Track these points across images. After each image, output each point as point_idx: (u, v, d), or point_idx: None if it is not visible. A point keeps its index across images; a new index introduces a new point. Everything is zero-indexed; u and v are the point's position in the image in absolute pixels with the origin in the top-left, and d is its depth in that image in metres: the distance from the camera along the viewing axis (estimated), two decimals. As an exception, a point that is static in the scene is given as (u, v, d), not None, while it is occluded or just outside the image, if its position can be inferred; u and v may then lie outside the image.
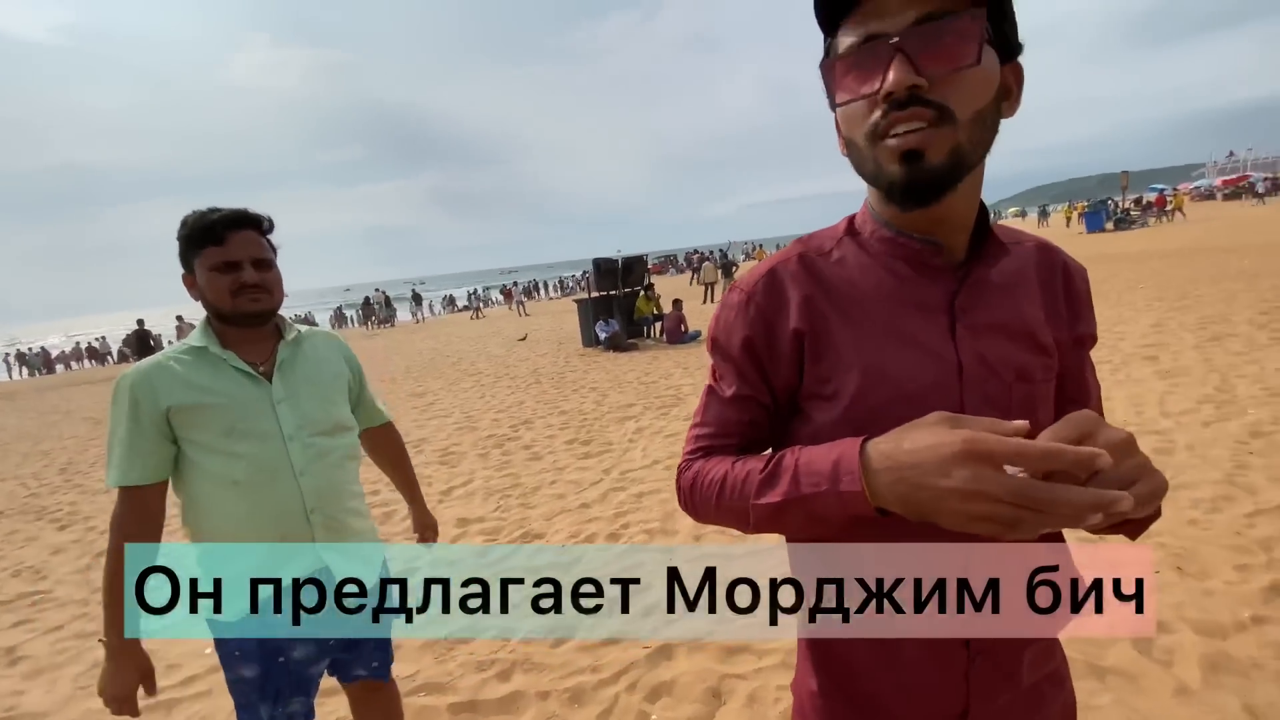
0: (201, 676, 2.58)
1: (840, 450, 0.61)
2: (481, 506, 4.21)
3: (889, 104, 0.60)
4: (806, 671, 0.81)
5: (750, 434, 0.78)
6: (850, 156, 0.69)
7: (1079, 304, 0.76)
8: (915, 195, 0.63)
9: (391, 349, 16.27)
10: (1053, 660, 0.79)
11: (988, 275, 0.70)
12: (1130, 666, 2.04)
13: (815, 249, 0.75)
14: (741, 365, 0.75)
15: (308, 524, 1.35)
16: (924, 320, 0.68)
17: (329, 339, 1.54)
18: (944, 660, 0.71)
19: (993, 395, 0.68)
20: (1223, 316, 7.06)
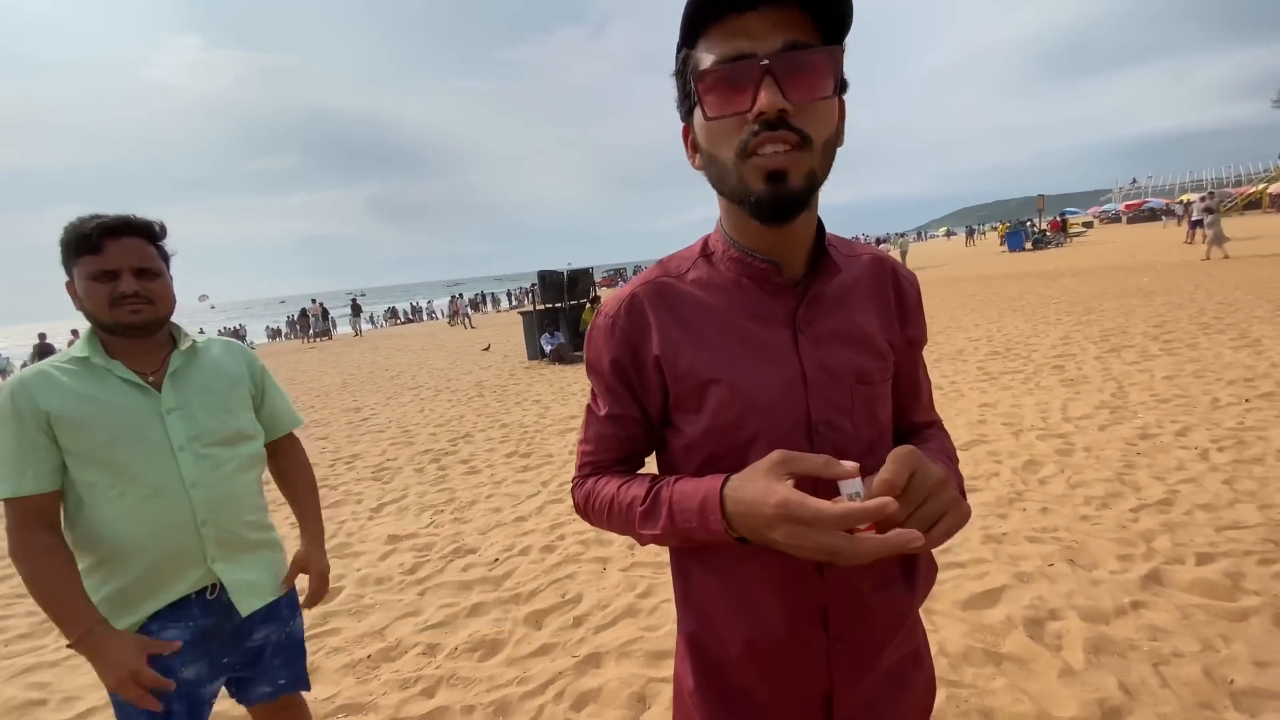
0: (101, 709, 2.43)
1: (703, 493, 0.68)
2: (414, 522, 4.11)
3: (759, 124, 0.63)
4: (685, 671, 0.85)
5: (627, 446, 0.84)
6: (709, 170, 0.72)
7: (909, 308, 0.84)
8: (777, 213, 0.67)
9: (328, 362, 15.68)
10: (912, 640, 0.85)
11: (825, 289, 0.77)
12: (1023, 652, 2.19)
13: (673, 271, 0.80)
14: (612, 385, 0.80)
15: (198, 537, 1.31)
16: (770, 334, 0.75)
17: (228, 346, 1.51)
18: (805, 646, 0.75)
19: (835, 399, 0.74)
20: (1121, 329, 7.66)
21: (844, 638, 0.76)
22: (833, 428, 0.74)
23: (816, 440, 0.73)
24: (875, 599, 0.76)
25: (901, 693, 0.82)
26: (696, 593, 0.81)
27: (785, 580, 0.74)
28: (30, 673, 2.76)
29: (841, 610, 0.75)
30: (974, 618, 2.41)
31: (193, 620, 1.32)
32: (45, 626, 3.20)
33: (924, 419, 0.91)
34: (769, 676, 0.77)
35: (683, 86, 0.72)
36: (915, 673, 0.84)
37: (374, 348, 18.83)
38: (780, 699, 0.77)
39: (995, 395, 5.49)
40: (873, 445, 0.77)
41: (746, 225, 0.74)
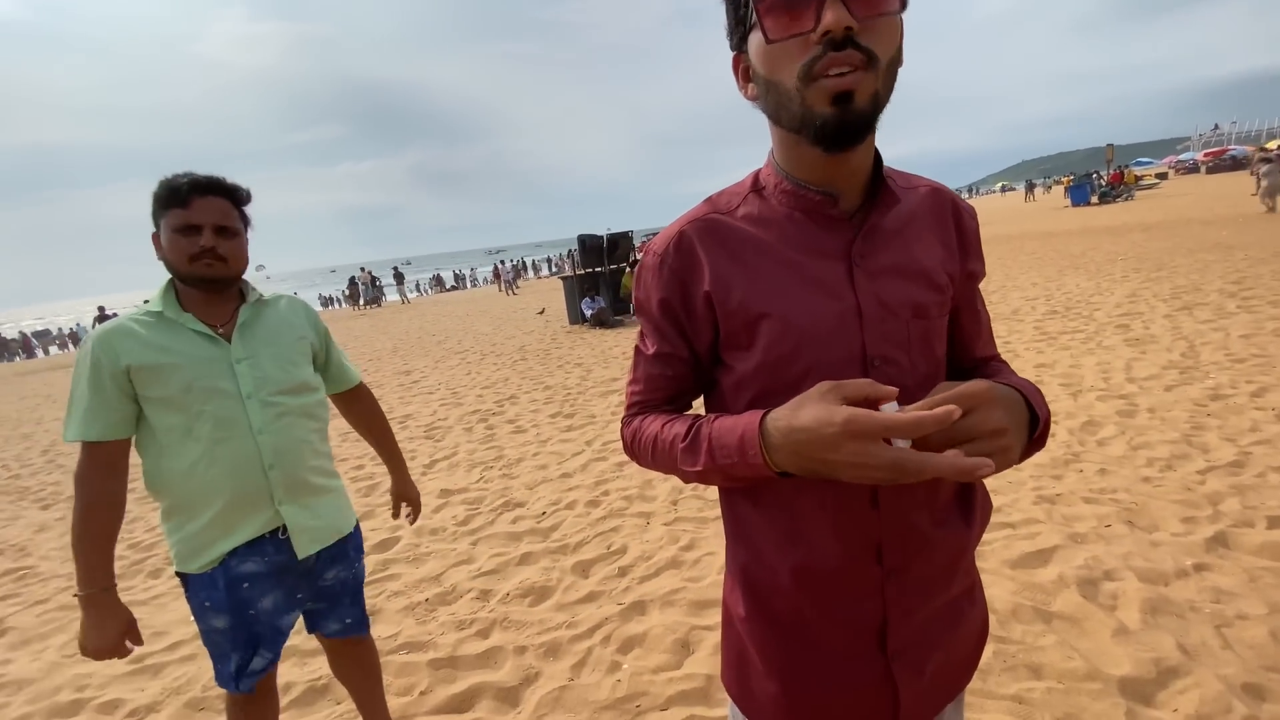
0: (187, 642, 2.65)
1: (743, 427, 0.67)
2: (465, 478, 4.27)
3: (824, 44, 0.61)
4: (735, 600, 0.86)
5: (676, 386, 0.84)
6: (766, 99, 0.69)
7: (969, 241, 0.82)
8: (843, 137, 0.65)
9: (378, 328, 16.19)
10: (967, 578, 0.84)
11: (882, 221, 0.75)
12: (1075, 611, 2.15)
13: (722, 207, 0.78)
14: (660, 324, 0.80)
15: (266, 481, 1.39)
16: (825, 267, 0.73)
17: (292, 302, 1.58)
18: (859, 577, 0.76)
19: (891, 333, 0.73)
20: (1195, 286, 7.19)
21: (898, 570, 0.76)
22: (889, 362, 0.73)
23: (872, 375, 0.72)
24: (931, 533, 0.76)
25: (955, 628, 0.82)
26: (746, 526, 0.82)
27: (838, 513, 0.74)
28: (125, 608, 3.02)
29: (896, 543, 0.75)
30: (1024, 576, 2.37)
31: (267, 556, 1.42)
32: (135, 568, 3.49)
33: (985, 353, 0.89)
34: (821, 605, 0.77)
35: (735, 12, 0.70)
36: (969, 609, 0.84)
37: (421, 314, 19.31)
38: (832, 627, 0.78)
39: (1053, 355, 5.27)
40: (928, 380, 0.76)
41: (802, 156, 0.72)
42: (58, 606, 3.16)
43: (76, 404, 1.30)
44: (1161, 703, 1.76)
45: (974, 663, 0.87)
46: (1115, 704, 1.76)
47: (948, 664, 0.82)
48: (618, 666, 2.17)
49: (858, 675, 0.78)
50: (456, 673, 2.25)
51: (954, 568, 0.80)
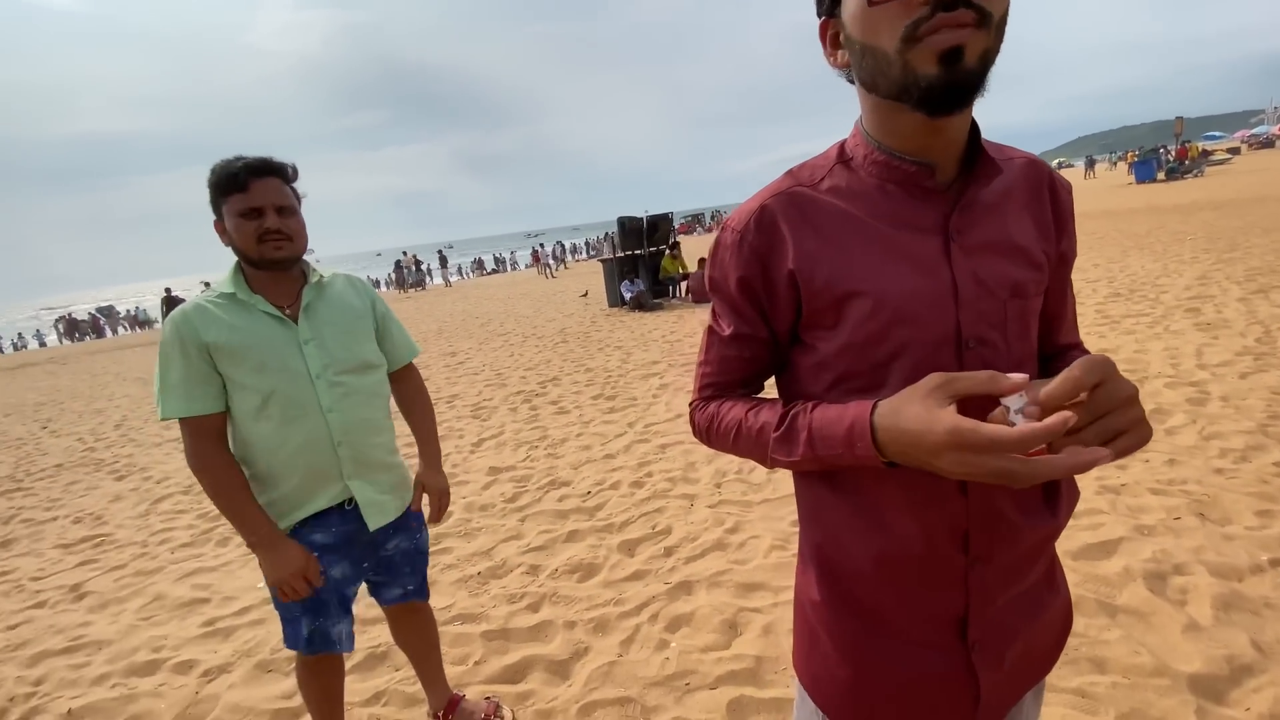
0: (255, 607, 2.79)
1: (850, 420, 0.65)
2: (511, 456, 4.36)
3: (933, 4, 0.57)
4: (809, 583, 0.84)
5: (751, 368, 0.81)
6: (861, 64, 0.66)
7: (1064, 218, 0.77)
8: (951, 98, 0.61)
9: (424, 311, 16.55)
10: (1049, 567, 0.82)
11: (980, 194, 0.71)
12: (1142, 605, 2.08)
13: (805, 180, 0.74)
14: (738, 304, 0.77)
15: (335, 457, 1.45)
16: (919, 242, 0.69)
17: (351, 281, 1.61)
18: (942, 565, 0.73)
19: (988, 313, 0.70)
20: (1272, 268, 6.76)
21: (983, 559, 0.73)
22: (984, 344, 0.69)
23: (966, 357, 0.69)
24: (1019, 522, 0.73)
25: (1036, 616, 0.79)
26: (824, 511, 0.80)
27: (925, 500, 0.71)
28: (194, 575, 3.20)
29: (983, 532, 0.72)
30: (1087, 568, 2.30)
31: (334, 527, 1.48)
32: (205, 536, 3.68)
33: (1069, 340, 0.85)
34: (901, 593, 0.76)
35: None
36: (1051, 597, 0.81)
37: (464, 297, 19.65)
38: (912, 615, 0.76)
39: (1116, 340, 5.04)
40: (1023, 363, 0.73)
41: (898, 124, 0.68)
42: (134, 572, 3.36)
43: (171, 383, 1.35)
44: (1234, 701, 1.69)
45: (1056, 652, 0.84)
46: (1184, 701, 1.70)
47: (1029, 653, 0.80)
48: (666, 644, 2.20)
49: (937, 665, 0.76)
50: (509, 644, 2.31)
51: (1038, 556, 0.78)
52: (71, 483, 5.26)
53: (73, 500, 4.79)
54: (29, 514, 4.58)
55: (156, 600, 3.00)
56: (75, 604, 3.10)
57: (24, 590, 3.31)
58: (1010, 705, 0.80)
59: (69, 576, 3.41)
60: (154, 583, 3.19)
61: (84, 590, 3.22)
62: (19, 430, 7.80)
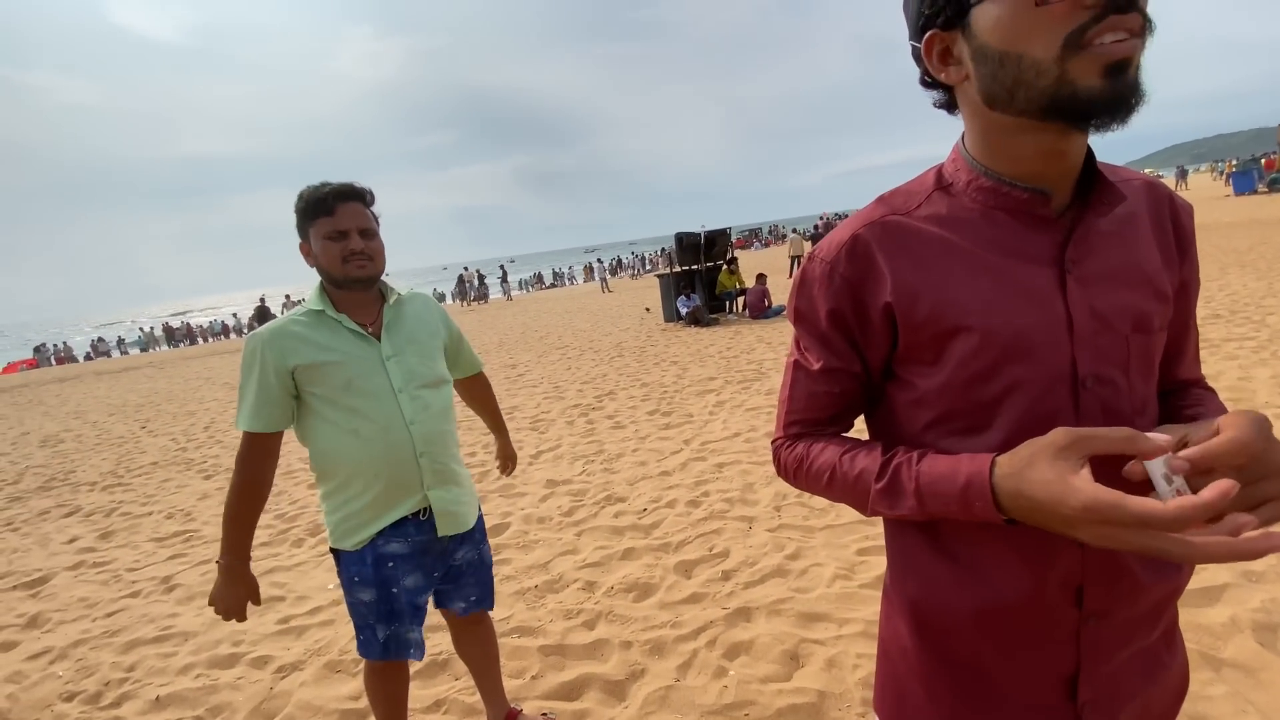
0: (326, 608, 2.91)
1: (966, 478, 0.60)
2: (568, 470, 4.40)
3: (1106, 5, 0.53)
4: (900, 630, 0.78)
5: (841, 403, 0.77)
6: (998, 76, 0.60)
7: (1187, 245, 0.72)
8: (1117, 111, 0.56)
9: (485, 324, 17.06)
10: (1169, 624, 0.75)
11: (1099, 222, 0.66)
12: (1251, 660, 1.89)
13: (900, 208, 0.71)
14: (829, 337, 0.73)
15: (417, 468, 1.50)
16: (1031, 273, 0.64)
17: (425, 301, 1.69)
18: (1052, 621, 0.68)
19: (1107, 349, 0.65)
20: (1402, 288, 6.10)
21: (1099, 615, 0.67)
22: (1103, 383, 0.64)
23: (1083, 397, 0.64)
24: (1141, 576, 0.67)
25: (1153, 677, 0.73)
26: (917, 558, 0.75)
27: (1037, 552, 0.66)
28: (271, 574, 3.37)
29: (1101, 586, 0.66)
30: (1188, 616, 2.11)
31: (409, 537, 1.53)
32: (281, 536, 3.88)
33: (1190, 375, 0.78)
34: (1006, 649, 0.70)
35: None
36: (1169, 656, 0.75)
37: (523, 310, 20.15)
38: (1018, 672, 0.70)
39: (1217, 366, 4.65)
40: (1145, 403, 0.67)
41: (1016, 144, 0.63)
42: (219, 567, 3.57)
43: (245, 398, 1.46)
44: (1370, 778, 1.50)
45: (1172, 715, 0.76)
46: (1307, 773, 1.52)
47: (1144, 715, 0.73)
48: (724, 672, 2.15)
49: None
50: (565, 660, 2.32)
51: (1160, 613, 0.71)
52: (165, 480, 5.66)
53: (166, 497, 5.14)
54: (127, 508, 4.95)
55: (237, 596, 3.17)
56: (165, 595, 3.32)
57: (121, 580, 3.57)
58: None
59: (161, 569, 3.65)
60: (235, 579, 3.37)
61: (174, 583, 3.44)
62: (121, 429, 8.48)
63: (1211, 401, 0.73)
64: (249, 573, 1.51)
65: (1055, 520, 0.54)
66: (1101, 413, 0.64)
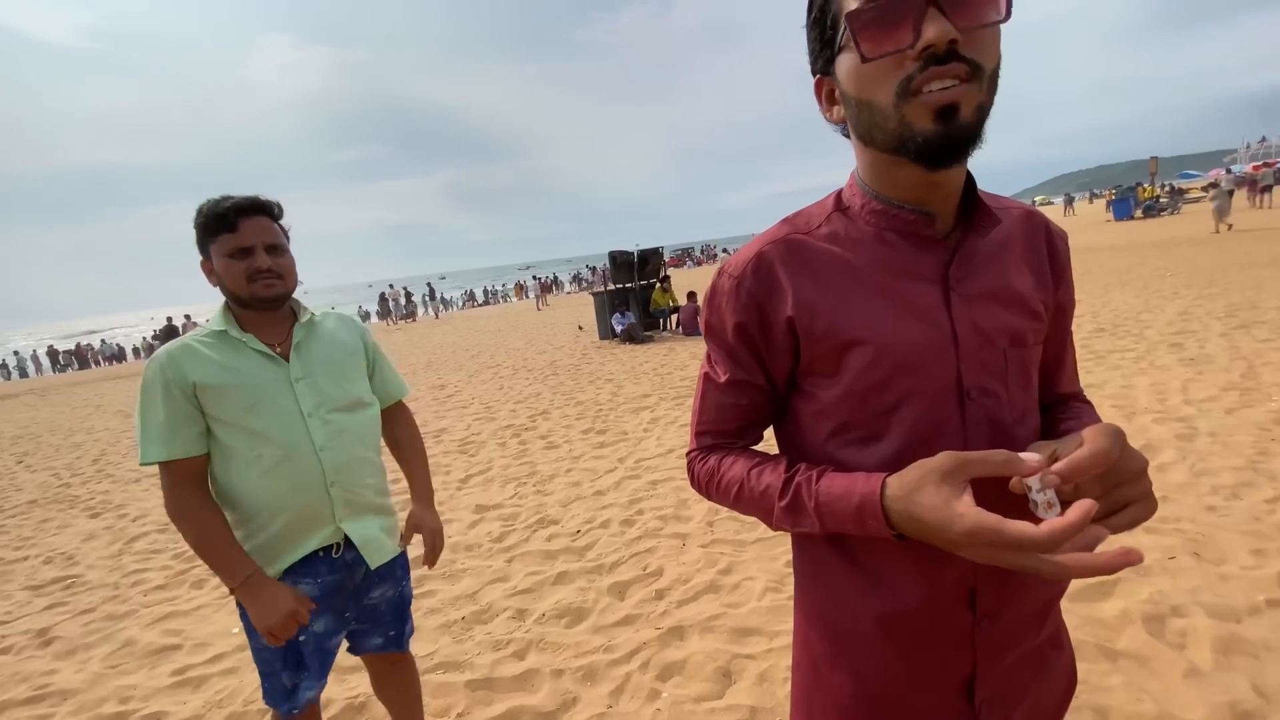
0: (229, 655, 2.68)
1: (859, 499, 0.64)
2: (499, 493, 4.28)
3: (926, 59, 0.58)
4: (810, 644, 0.81)
5: (749, 415, 0.80)
6: (857, 119, 0.66)
7: (1061, 268, 0.77)
8: (948, 153, 0.61)
9: (413, 343, 16.48)
10: (1054, 623, 0.80)
11: (979, 243, 0.71)
12: (1142, 649, 2.04)
13: (802, 227, 0.74)
14: (735, 350, 0.76)
15: (328, 497, 1.40)
16: (918, 291, 0.69)
17: (341, 318, 1.60)
18: (949, 623, 0.71)
19: (988, 362, 0.69)
20: (1251, 304, 6.89)
21: (991, 616, 0.71)
22: (985, 393, 0.69)
23: (968, 407, 0.68)
24: (1026, 579, 0.71)
25: (1043, 675, 0.77)
26: (825, 569, 0.78)
27: (931, 560, 0.69)
28: (166, 620, 3.08)
29: (992, 588, 0.70)
30: (1085, 610, 2.26)
31: (320, 576, 1.43)
32: (179, 578, 3.56)
33: (1069, 389, 0.84)
34: (906, 654, 0.73)
35: (820, 36, 0.67)
36: (1056, 655, 0.79)
37: (454, 329, 19.63)
38: (919, 677, 0.73)
39: (1103, 375, 5.08)
40: (1025, 413, 0.72)
41: (896, 176, 0.68)
42: (104, 616, 3.23)
43: (151, 426, 1.31)
44: (1242, 752, 1.64)
45: (1062, 711, 0.81)
46: (1191, 752, 1.65)
47: (1036, 713, 0.77)
48: (657, 694, 2.12)
49: None
50: (493, 694, 2.22)
51: (1045, 614, 0.76)
52: (44, 520, 5.10)
53: (44, 539, 4.63)
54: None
55: (126, 646, 2.88)
56: (42, 650, 2.97)
57: (-13, 636, 3.17)
58: None
59: (36, 620, 3.27)
60: (124, 628, 3.06)
61: (51, 635, 3.09)
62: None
63: (1087, 413, 0.78)
64: (270, 580, 1.34)
65: (942, 542, 0.57)
66: (985, 422, 0.68)
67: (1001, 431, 0.69)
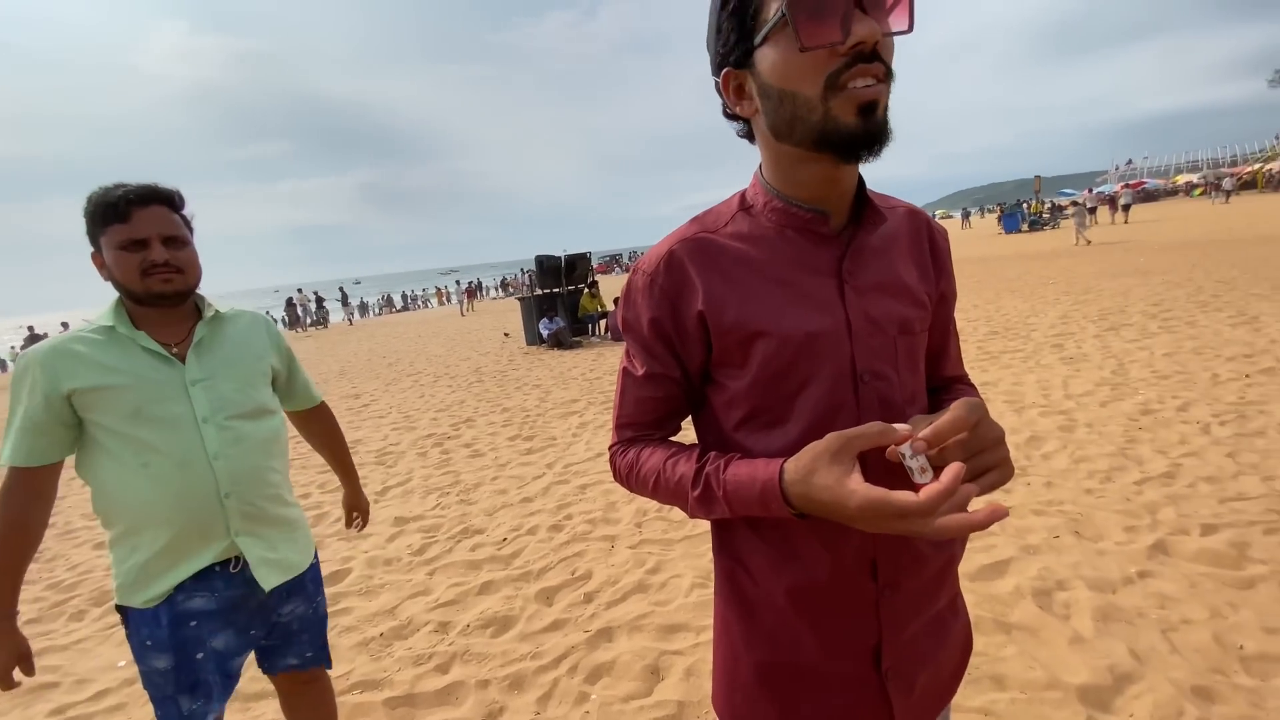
0: (114, 690, 2.43)
1: (761, 484, 0.68)
2: (420, 505, 4.12)
3: (854, 55, 0.62)
4: (728, 621, 0.84)
5: (666, 407, 0.83)
6: (778, 111, 0.68)
7: (942, 262, 0.85)
8: (867, 146, 0.65)
9: (325, 351, 15.62)
10: (951, 592, 0.86)
11: (869, 239, 0.76)
12: (1032, 621, 2.22)
13: (710, 225, 0.78)
14: (651, 344, 0.79)
15: (221, 509, 1.30)
16: (815, 283, 0.74)
17: (254, 319, 1.49)
18: (854, 593, 0.75)
19: (879, 348, 0.74)
20: (1120, 308, 7.68)
21: (892, 586, 0.76)
22: (878, 377, 0.74)
23: (862, 389, 0.73)
24: (923, 548, 0.77)
25: (942, 641, 0.82)
26: (739, 549, 0.81)
27: (834, 533, 0.73)
28: (41, 655, 2.76)
29: (891, 559, 0.75)
30: (983, 588, 2.43)
31: (217, 591, 1.32)
32: (55, 610, 3.20)
33: (954, 372, 0.91)
34: (816, 625, 0.77)
35: (740, 27, 0.69)
36: (954, 620, 0.85)
37: (370, 335, 18.78)
38: (828, 647, 0.77)
39: (996, 374, 5.50)
40: (915, 395, 0.78)
41: (799, 173, 0.72)
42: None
43: (10, 426, 1.21)
44: (1118, 709, 1.81)
45: (960, 675, 0.87)
46: (1076, 712, 1.81)
47: (936, 678, 0.82)
48: (586, 697, 2.11)
49: (854, 695, 0.78)
50: (415, 712, 2.13)
51: (942, 581, 0.81)
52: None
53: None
54: None
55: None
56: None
57: None
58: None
59: None
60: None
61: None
62: None
63: (969, 394, 0.86)
64: (18, 631, 1.25)
65: (840, 516, 0.62)
66: (878, 403, 0.74)
67: (893, 411, 0.74)
